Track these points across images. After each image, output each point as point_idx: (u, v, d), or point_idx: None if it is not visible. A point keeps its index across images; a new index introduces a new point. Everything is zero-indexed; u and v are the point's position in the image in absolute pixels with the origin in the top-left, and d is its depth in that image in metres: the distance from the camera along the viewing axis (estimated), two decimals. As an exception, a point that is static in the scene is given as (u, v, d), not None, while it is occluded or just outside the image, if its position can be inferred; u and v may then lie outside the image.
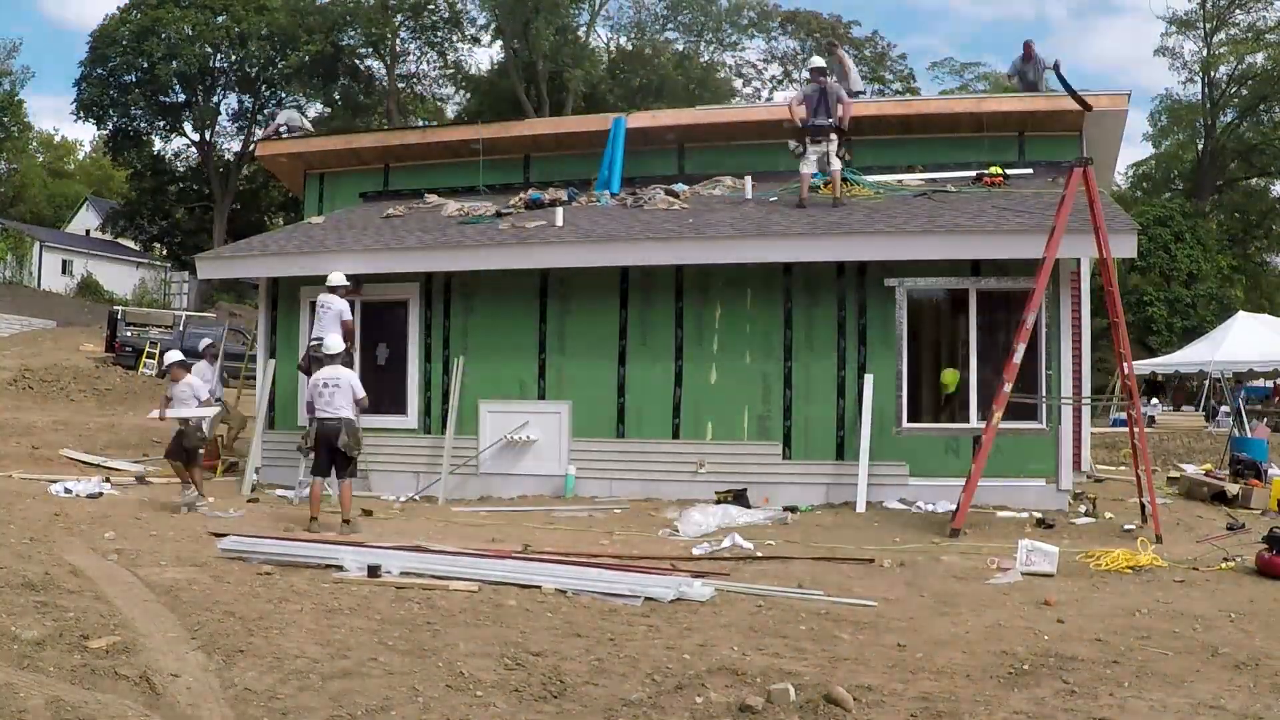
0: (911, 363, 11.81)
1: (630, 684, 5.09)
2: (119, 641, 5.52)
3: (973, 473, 10.00)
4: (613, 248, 12.28)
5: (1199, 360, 27.24)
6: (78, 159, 73.02)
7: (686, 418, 12.32)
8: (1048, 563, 8.01)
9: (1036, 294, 10.01)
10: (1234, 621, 6.54)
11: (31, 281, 48.47)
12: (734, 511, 10.58)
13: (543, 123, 18.41)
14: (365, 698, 4.80)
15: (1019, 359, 10.00)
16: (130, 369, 28.82)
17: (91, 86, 46.08)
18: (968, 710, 4.76)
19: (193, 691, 4.83)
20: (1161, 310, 38.22)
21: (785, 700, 4.74)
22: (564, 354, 12.71)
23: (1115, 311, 10.36)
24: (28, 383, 24.45)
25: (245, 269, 14.53)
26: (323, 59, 44.52)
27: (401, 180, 16.47)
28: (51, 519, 9.92)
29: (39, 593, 6.56)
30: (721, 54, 49.22)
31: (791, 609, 6.80)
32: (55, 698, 4.56)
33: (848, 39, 50.77)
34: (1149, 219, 38.04)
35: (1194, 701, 4.92)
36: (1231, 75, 44.84)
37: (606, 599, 6.94)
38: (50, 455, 15.67)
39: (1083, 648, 5.85)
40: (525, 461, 12.65)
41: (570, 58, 41.35)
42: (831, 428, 11.91)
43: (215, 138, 50.01)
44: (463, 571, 7.58)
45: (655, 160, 15.21)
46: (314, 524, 9.84)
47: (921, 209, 12.21)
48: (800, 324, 12.10)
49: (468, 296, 13.16)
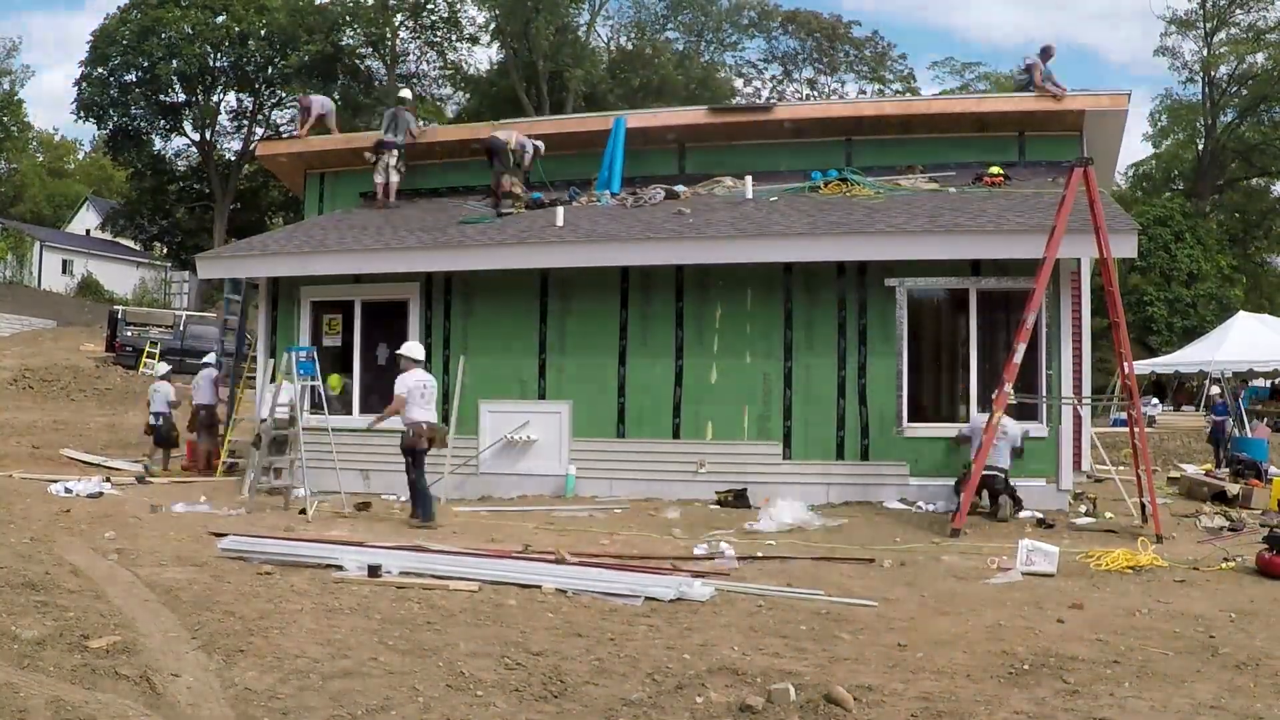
0: (912, 363, 11.81)
1: (630, 684, 5.09)
2: (119, 641, 5.52)
3: (972, 471, 10.04)
4: (613, 248, 12.29)
5: (1199, 360, 27.23)
6: (78, 159, 73.02)
7: (687, 418, 12.32)
8: (1048, 563, 8.01)
9: (1037, 294, 10.04)
10: (1234, 621, 6.54)
11: (32, 281, 48.48)
12: (802, 511, 10.63)
13: (543, 122, 18.38)
14: (365, 697, 4.79)
15: (1019, 359, 10.05)
16: (130, 369, 28.85)
17: (91, 86, 46.07)
18: (968, 710, 4.76)
19: (193, 691, 4.83)
20: (1161, 310, 38.20)
21: (785, 700, 4.74)
22: (564, 354, 12.71)
23: (1116, 311, 10.38)
24: (28, 382, 24.47)
25: (245, 269, 14.53)
26: (323, 59, 44.53)
27: (402, 180, 16.44)
28: (52, 519, 9.92)
29: (39, 593, 6.55)
30: (721, 54, 49.28)
31: (792, 609, 6.80)
32: (55, 698, 4.56)
33: (848, 39, 50.86)
34: (1149, 219, 38.01)
35: (1194, 702, 4.92)
36: (1231, 75, 44.83)
37: (607, 599, 6.94)
38: (50, 455, 15.69)
39: (1083, 648, 5.84)
40: (526, 461, 12.65)
41: (570, 58, 41.36)
42: (832, 428, 11.91)
43: (215, 137, 50.03)
44: (463, 571, 7.58)
45: (655, 160, 15.21)
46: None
47: (922, 209, 12.21)
48: (800, 324, 12.11)
49: (468, 296, 13.17)
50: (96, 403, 24.16)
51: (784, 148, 14.43)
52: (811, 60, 51.73)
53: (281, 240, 15.08)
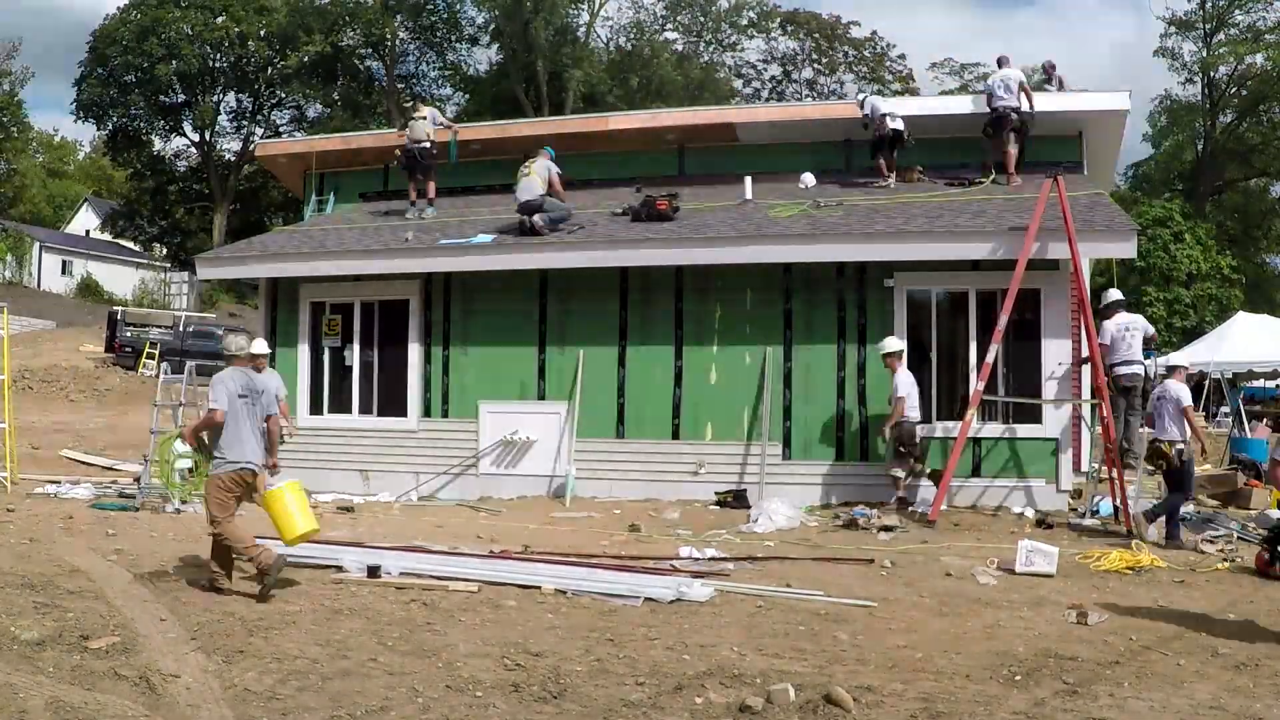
0: (911, 363, 11.79)
1: (630, 684, 5.09)
2: (119, 642, 5.52)
3: (947, 466, 10.56)
4: (613, 248, 12.29)
5: (1199, 360, 27.19)
6: (77, 159, 73.01)
7: (686, 418, 12.32)
8: (1047, 563, 8.01)
9: (1009, 298, 10.46)
10: (1234, 621, 6.54)
11: (31, 282, 48.48)
12: (801, 512, 10.78)
13: (543, 123, 18.39)
14: (365, 698, 4.80)
15: (991, 358, 10.53)
16: (130, 369, 28.85)
17: (91, 86, 46.08)
18: (968, 710, 4.76)
19: (192, 692, 4.83)
20: (1161, 310, 38.18)
21: (785, 700, 4.74)
22: (564, 354, 12.71)
23: (1085, 314, 10.91)
24: (27, 383, 24.44)
25: (245, 269, 14.53)
26: (322, 59, 44.55)
27: (401, 180, 16.43)
28: (51, 519, 9.92)
29: (39, 593, 6.56)
30: (721, 54, 49.25)
31: (791, 609, 6.80)
32: (55, 698, 4.56)
33: (847, 39, 50.87)
34: (1149, 219, 38.01)
35: (1194, 702, 4.92)
36: (1231, 76, 44.82)
37: (606, 599, 6.94)
38: (50, 455, 15.69)
39: (1083, 648, 5.85)
40: (525, 462, 12.65)
41: (570, 58, 41.35)
42: (831, 428, 11.91)
43: (215, 138, 50.07)
44: (463, 572, 7.59)
45: (656, 160, 15.22)
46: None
47: (921, 209, 12.22)
48: (800, 324, 12.10)
49: (468, 297, 13.17)
50: (96, 404, 24.16)
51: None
52: (810, 60, 51.76)
53: (281, 241, 15.08)
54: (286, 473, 13.19)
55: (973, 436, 11.13)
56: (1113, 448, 10.40)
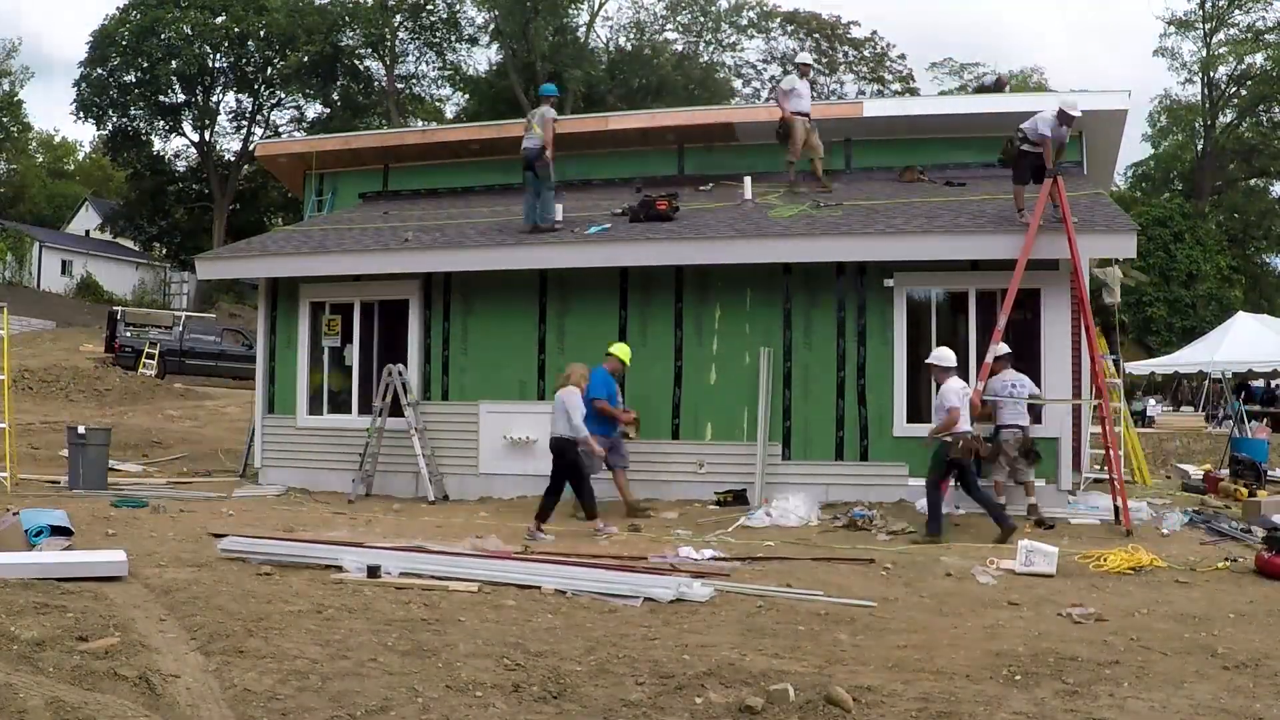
0: (911, 363, 11.80)
1: (630, 684, 5.09)
2: (119, 642, 5.51)
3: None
4: (612, 248, 12.29)
5: (1199, 360, 27.21)
6: (78, 159, 72.97)
7: (686, 418, 12.32)
8: (1047, 563, 8.01)
9: (1009, 298, 10.42)
10: (1234, 622, 6.54)
11: (31, 282, 48.44)
12: (800, 512, 10.66)
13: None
14: (365, 698, 4.79)
15: (991, 359, 10.46)
16: (130, 369, 28.82)
17: (91, 86, 46.06)
18: (968, 710, 4.76)
19: (192, 692, 4.82)
20: (1161, 310, 38.19)
21: (785, 700, 4.74)
22: (564, 354, 12.69)
23: (1085, 313, 10.82)
24: (27, 383, 24.41)
25: (245, 269, 14.54)
26: (322, 59, 44.56)
27: (401, 180, 16.47)
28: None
29: (39, 593, 6.55)
30: (721, 54, 49.28)
31: (791, 609, 6.80)
32: (55, 698, 4.55)
33: (846, 39, 50.85)
34: (1149, 219, 38.03)
35: (1194, 702, 4.92)
36: (1231, 76, 44.85)
37: (606, 599, 6.94)
38: (50, 456, 15.67)
39: (1083, 648, 5.84)
40: (525, 462, 12.63)
41: (570, 58, 41.35)
42: (831, 428, 11.91)
43: (214, 138, 50.07)
44: (463, 571, 7.58)
45: (655, 160, 15.22)
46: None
47: (921, 209, 12.22)
48: (800, 324, 12.10)
49: (467, 297, 13.17)
50: (96, 404, 24.13)
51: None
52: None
53: (280, 241, 15.08)
54: (287, 473, 13.39)
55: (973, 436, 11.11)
56: (1113, 448, 10.38)
